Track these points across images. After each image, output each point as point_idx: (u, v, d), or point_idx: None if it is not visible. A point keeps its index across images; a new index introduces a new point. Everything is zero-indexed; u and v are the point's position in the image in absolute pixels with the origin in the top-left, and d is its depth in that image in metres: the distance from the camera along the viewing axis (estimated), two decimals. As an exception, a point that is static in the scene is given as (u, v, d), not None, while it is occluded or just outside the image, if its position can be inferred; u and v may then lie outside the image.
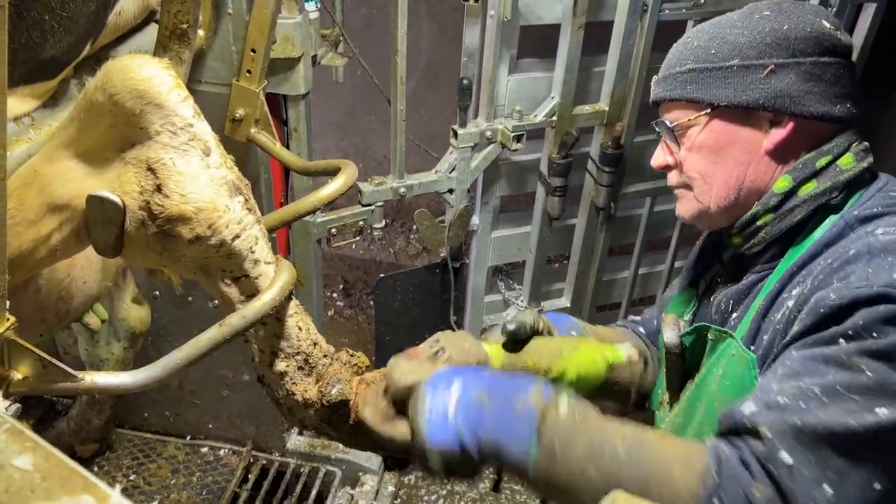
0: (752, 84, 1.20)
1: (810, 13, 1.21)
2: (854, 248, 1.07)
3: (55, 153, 0.96)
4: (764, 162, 1.23)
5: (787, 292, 1.15)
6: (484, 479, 3.06)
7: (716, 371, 1.26)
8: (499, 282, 2.88)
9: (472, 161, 2.42)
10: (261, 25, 1.69)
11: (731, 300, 1.31)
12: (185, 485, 2.59)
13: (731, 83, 1.21)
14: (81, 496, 0.45)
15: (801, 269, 1.16)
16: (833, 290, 1.02)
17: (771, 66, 1.18)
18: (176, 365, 0.98)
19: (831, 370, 0.97)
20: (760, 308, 1.20)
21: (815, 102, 1.19)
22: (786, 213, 1.21)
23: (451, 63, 2.91)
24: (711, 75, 1.23)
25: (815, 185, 1.19)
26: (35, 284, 1.28)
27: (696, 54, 1.25)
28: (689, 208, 1.34)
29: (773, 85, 1.19)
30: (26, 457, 0.49)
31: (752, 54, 1.20)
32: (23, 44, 1.03)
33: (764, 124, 1.22)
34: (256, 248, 1.04)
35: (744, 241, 1.28)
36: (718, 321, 1.33)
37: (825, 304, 1.02)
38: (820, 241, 1.16)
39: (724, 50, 1.22)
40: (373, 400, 1.16)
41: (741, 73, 1.21)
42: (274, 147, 1.78)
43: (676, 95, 1.27)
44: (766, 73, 1.19)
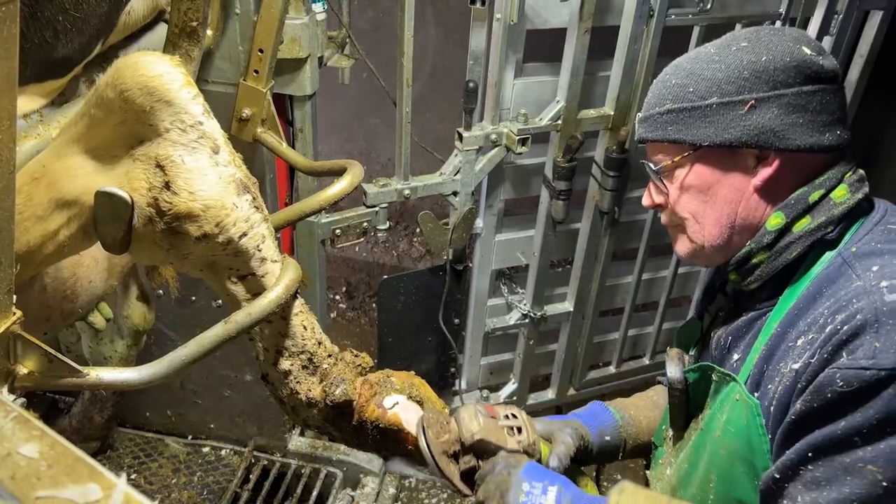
0: (733, 122, 1.16)
1: (789, 40, 1.17)
2: (861, 314, 1.01)
3: (64, 149, 0.97)
4: (754, 199, 1.20)
5: (792, 340, 1.12)
6: (485, 482, 3.06)
7: (720, 416, 1.23)
8: (502, 285, 2.88)
9: (476, 164, 2.42)
10: (268, 26, 1.69)
11: (731, 337, 1.29)
12: (186, 484, 2.59)
13: (712, 122, 1.18)
14: (87, 484, 0.46)
15: (803, 312, 1.13)
16: (840, 375, 0.99)
17: (751, 101, 1.15)
18: (181, 362, 0.98)
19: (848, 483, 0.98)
20: (763, 352, 1.17)
21: (802, 135, 1.15)
22: (781, 251, 1.18)
23: (456, 67, 2.91)
24: (691, 115, 1.19)
25: (809, 220, 1.16)
26: (40, 283, 1.28)
27: (675, 93, 1.21)
28: (684, 247, 1.31)
29: (755, 121, 1.15)
30: (32, 445, 0.49)
31: (731, 90, 1.16)
32: (36, 43, 1.03)
33: (750, 161, 1.19)
34: (263, 246, 1.04)
35: (740, 278, 1.25)
36: (718, 358, 1.31)
37: (832, 390, 0.99)
38: (818, 279, 1.14)
39: (702, 87, 1.19)
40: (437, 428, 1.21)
41: (721, 111, 1.17)
42: (280, 147, 1.79)
43: (658, 137, 1.24)
44: (746, 110, 1.16)
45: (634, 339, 3.20)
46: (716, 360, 1.30)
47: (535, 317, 2.82)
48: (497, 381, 3.09)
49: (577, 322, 2.94)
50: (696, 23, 2.40)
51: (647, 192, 1.34)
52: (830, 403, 1.00)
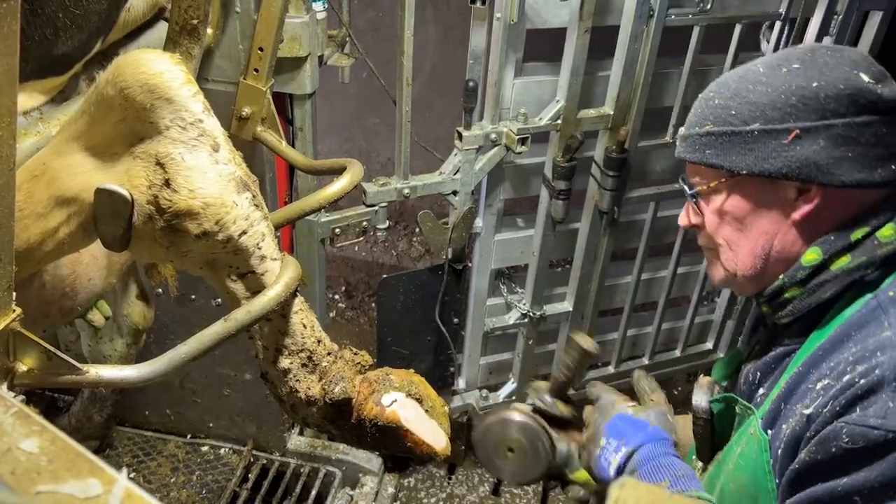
0: (775, 151, 1.09)
1: (846, 65, 1.08)
2: (880, 369, 0.97)
3: (64, 146, 0.97)
4: (791, 233, 1.14)
5: (812, 382, 1.07)
6: (484, 482, 3.06)
7: (735, 449, 1.20)
8: (501, 285, 2.88)
9: (476, 163, 2.42)
10: (269, 24, 1.69)
11: (759, 372, 1.25)
12: (185, 483, 2.59)
13: (752, 150, 1.11)
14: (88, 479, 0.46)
15: (828, 354, 1.08)
16: (847, 430, 0.95)
17: (796, 131, 1.07)
18: (181, 359, 0.98)
19: None
20: (783, 389, 1.13)
21: (849, 170, 1.06)
22: (814, 289, 1.12)
23: (456, 67, 2.91)
24: (731, 140, 1.13)
25: (849, 259, 1.09)
26: (40, 280, 1.28)
27: (716, 114, 1.15)
28: (717, 274, 1.27)
29: (798, 152, 1.07)
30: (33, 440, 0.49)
31: (775, 117, 1.08)
32: (36, 40, 1.03)
33: (790, 193, 1.12)
34: (263, 244, 1.04)
35: (772, 311, 1.20)
36: (746, 393, 1.27)
37: (837, 445, 0.96)
38: (849, 322, 1.08)
39: (745, 111, 1.11)
40: None
41: (762, 139, 1.10)
42: (280, 146, 1.79)
43: (696, 159, 1.19)
44: (790, 139, 1.07)
45: (633, 339, 3.20)
46: (744, 395, 1.26)
47: (535, 316, 2.82)
48: (496, 381, 3.09)
49: (577, 322, 2.95)
50: (696, 23, 2.40)
51: (683, 212, 1.29)
52: (834, 458, 0.97)
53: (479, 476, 3.10)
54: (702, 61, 2.55)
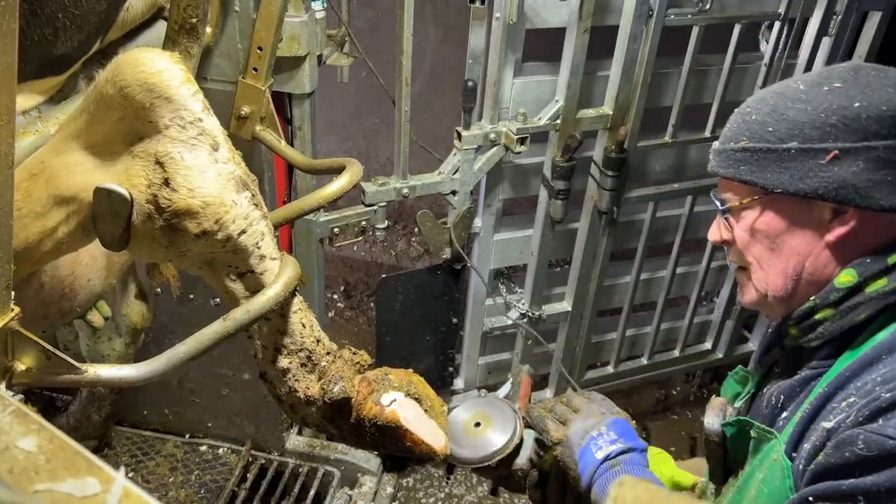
0: (812, 171, 1.06)
1: (891, 85, 1.05)
2: None
3: (63, 145, 0.97)
4: (825, 255, 1.11)
5: (837, 402, 1.05)
6: (483, 482, 3.06)
7: (757, 475, 1.17)
8: (500, 285, 2.88)
9: (475, 163, 2.42)
10: (268, 23, 1.69)
11: (783, 395, 1.21)
12: (184, 483, 2.59)
13: (788, 168, 1.08)
14: (86, 478, 0.46)
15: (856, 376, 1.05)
16: (864, 437, 0.94)
17: (834, 151, 1.04)
18: (179, 359, 0.98)
19: None
20: (807, 411, 1.09)
21: (888, 194, 1.04)
22: (847, 311, 1.09)
23: (455, 67, 2.91)
24: (766, 157, 1.10)
25: (885, 282, 1.06)
26: (38, 281, 1.28)
27: (753, 130, 1.13)
28: (748, 296, 1.24)
29: (836, 173, 1.05)
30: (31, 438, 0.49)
31: (814, 136, 1.06)
32: (35, 41, 1.03)
33: (825, 214, 1.09)
34: (262, 243, 1.04)
35: (801, 333, 1.16)
36: (768, 417, 1.22)
37: (851, 450, 0.95)
38: (880, 345, 1.05)
39: (783, 128, 1.09)
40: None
41: (799, 158, 1.07)
42: (279, 145, 1.78)
43: (729, 174, 1.16)
44: (828, 160, 1.05)
45: (633, 340, 3.20)
46: (766, 419, 1.21)
47: (534, 316, 2.82)
48: (495, 381, 3.08)
49: (576, 322, 2.95)
50: (695, 23, 2.40)
51: (714, 226, 1.27)
52: (847, 463, 0.96)
53: (477, 476, 3.10)
54: (701, 61, 2.55)
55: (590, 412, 1.38)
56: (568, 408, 1.41)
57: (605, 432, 1.32)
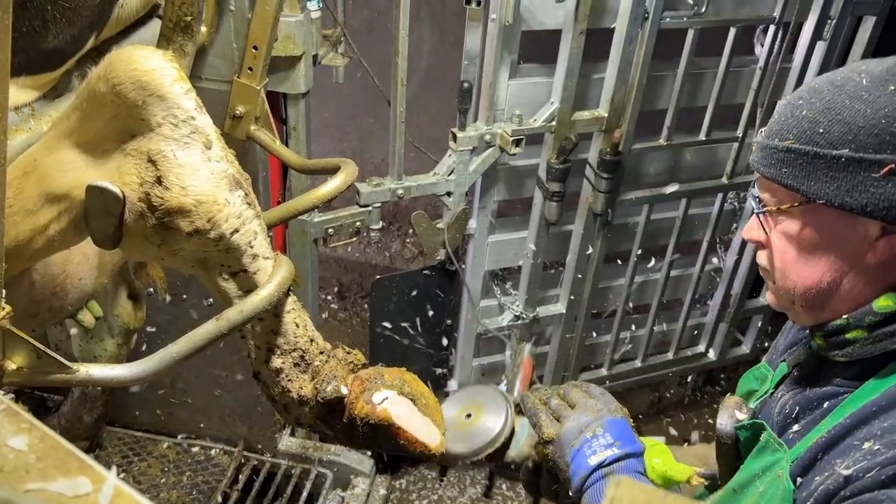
0: (863, 185, 0.95)
1: None
2: None
3: (55, 143, 0.96)
4: (865, 274, 1.02)
5: (859, 440, 0.97)
6: (476, 484, 3.06)
7: (758, 485, 1.10)
8: (494, 286, 2.88)
9: (470, 164, 2.42)
10: (263, 23, 1.69)
11: (798, 406, 1.13)
12: (175, 484, 2.58)
13: (836, 178, 0.97)
14: (77, 477, 0.45)
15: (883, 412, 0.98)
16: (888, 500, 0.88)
17: (891, 165, 0.93)
18: (172, 359, 0.98)
19: None
20: (824, 438, 1.02)
21: None
22: (882, 337, 1.01)
23: (450, 68, 2.91)
24: (813, 163, 0.99)
25: None
26: (29, 279, 1.27)
27: (801, 128, 1.01)
28: (775, 300, 1.17)
29: (889, 190, 0.94)
30: (21, 437, 0.48)
31: (870, 144, 0.94)
32: (24, 33, 1.02)
33: (872, 231, 0.99)
34: (255, 242, 1.04)
35: (828, 347, 1.08)
36: (779, 424, 1.15)
37: None
38: None
39: (836, 132, 0.97)
40: None
41: (850, 168, 0.96)
42: (273, 145, 1.78)
43: (771, 175, 1.05)
44: (882, 174, 0.94)
45: (626, 342, 3.20)
46: (776, 426, 1.15)
47: (528, 318, 2.81)
48: (488, 383, 3.08)
49: (570, 324, 2.95)
50: (690, 25, 2.41)
51: (750, 224, 1.16)
52: None
53: (470, 478, 3.09)
54: (696, 64, 2.55)
55: (586, 409, 1.28)
56: (564, 402, 1.32)
57: (600, 434, 1.23)
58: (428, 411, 1.25)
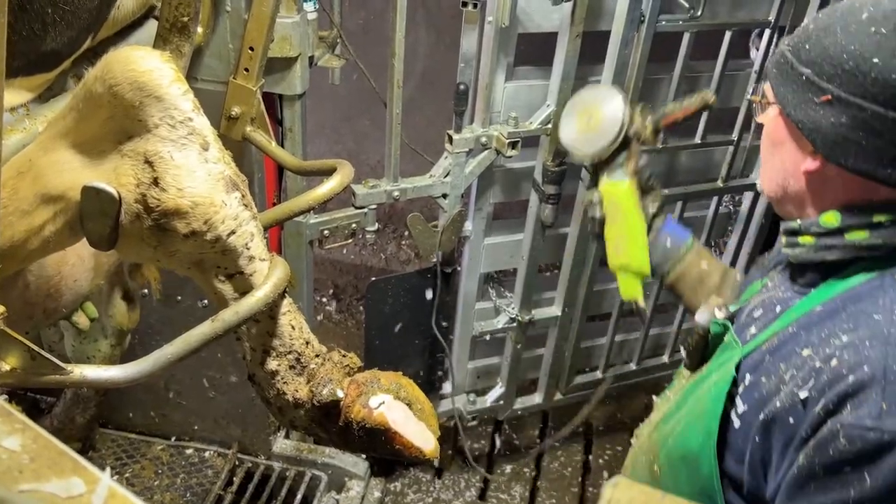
0: (807, 104, 1.08)
1: None
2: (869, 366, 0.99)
3: (51, 143, 0.96)
4: (802, 180, 1.16)
5: (801, 346, 1.10)
6: (470, 487, 3.06)
7: (714, 376, 1.26)
8: (490, 289, 2.88)
9: (466, 166, 2.42)
10: (260, 24, 1.69)
11: (760, 310, 1.27)
12: (169, 486, 2.57)
13: (796, 92, 1.11)
14: (70, 478, 0.45)
15: (822, 321, 1.10)
16: (844, 433, 0.98)
17: (829, 96, 1.05)
18: (167, 360, 0.97)
19: None
20: (774, 342, 1.16)
21: (855, 156, 1.05)
22: (822, 248, 1.14)
23: (447, 70, 2.91)
24: (789, 74, 1.12)
25: (865, 235, 1.09)
26: (24, 280, 1.26)
27: (797, 40, 1.13)
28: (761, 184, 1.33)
29: (821, 116, 1.06)
30: (15, 438, 0.48)
31: (826, 73, 1.05)
32: (24, 36, 1.02)
33: (808, 146, 1.12)
34: (252, 244, 1.04)
35: (787, 245, 1.22)
36: (742, 327, 1.30)
37: (835, 448, 0.99)
38: (850, 293, 1.10)
39: (813, 52, 1.08)
40: None
41: (805, 88, 1.09)
42: (269, 146, 1.78)
43: (768, 73, 1.21)
44: (821, 101, 1.06)
45: (621, 345, 3.21)
46: (740, 328, 1.30)
47: (523, 321, 2.82)
48: (484, 385, 3.08)
49: (565, 327, 2.95)
50: (686, 29, 2.41)
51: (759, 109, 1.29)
52: (834, 463, 0.99)
53: (465, 481, 3.09)
54: (692, 68, 2.56)
55: None
56: None
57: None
58: (423, 416, 1.24)
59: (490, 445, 3.29)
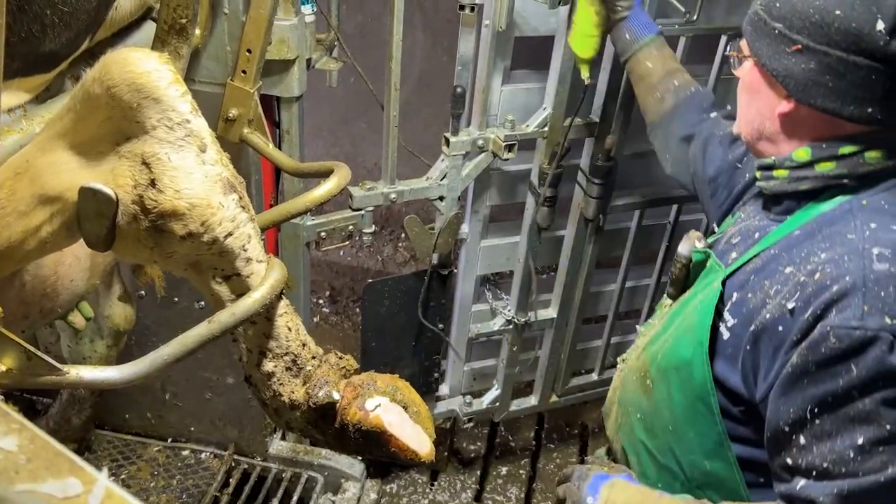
0: (779, 55, 1.25)
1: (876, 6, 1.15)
2: (850, 276, 1.14)
3: (49, 144, 0.96)
4: (777, 123, 1.31)
5: (782, 265, 1.25)
6: (466, 488, 3.06)
7: (699, 296, 1.41)
8: (486, 291, 2.88)
9: (463, 169, 2.42)
10: (257, 26, 1.69)
11: (740, 237, 1.42)
12: (165, 488, 2.56)
13: (770, 45, 1.27)
14: (67, 478, 0.45)
15: (800, 242, 1.25)
16: (834, 332, 1.12)
17: (799, 45, 1.21)
18: (163, 361, 0.97)
19: (858, 430, 1.12)
20: (756, 262, 1.31)
21: (823, 97, 1.21)
22: (795, 179, 1.30)
23: (443, 73, 2.92)
24: (762, 29, 1.28)
25: (833, 166, 1.25)
26: (20, 280, 1.26)
27: (766, 3, 1.29)
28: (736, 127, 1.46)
29: (793, 64, 1.23)
30: (11, 438, 0.48)
31: (795, 26, 1.22)
32: (22, 37, 1.02)
33: (781, 92, 1.28)
34: (249, 246, 1.04)
35: (762, 180, 1.37)
36: (725, 251, 1.44)
37: (826, 346, 1.12)
38: (823, 216, 1.26)
39: (783, 10, 1.25)
40: None
41: (778, 40, 1.25)
42: (267, 148, 1.78)
43: (743, 30, 1.37)
44: (792, 50, 1.22)
45: (617, 347, 3.20)
46: (720, 254, 1.44)
47: (519, 323, 2.82)
48: (480, 387, 3.08)
49: (561, 329, 2.95)
50: (682, 33, 2.42)
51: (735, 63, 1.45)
52: (826, 359, 1.12)
53: (461, 482, 3.09)
54: (688, 71, 2.56)
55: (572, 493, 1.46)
56: None
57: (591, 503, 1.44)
58: (419, 419, 1.25)
59: (486, 447, 3.29)
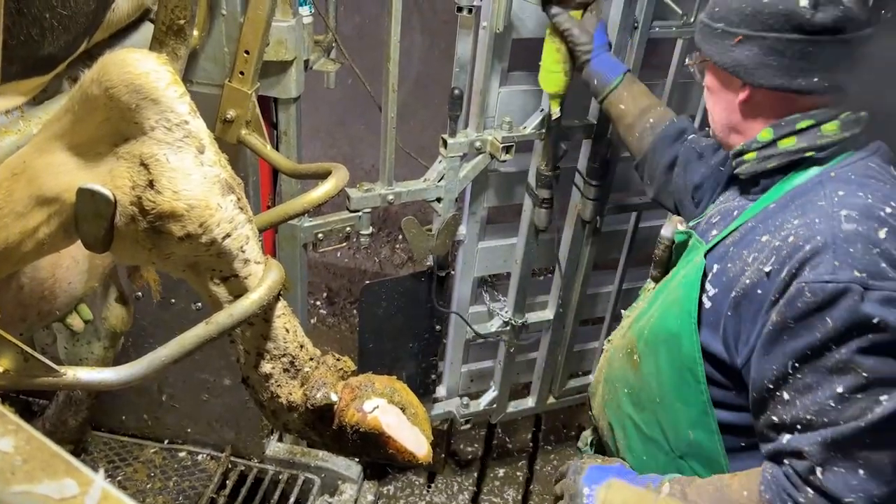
0: (726, 49, 1.39)
1: None
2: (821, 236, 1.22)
3: (46, 145, 0.96)
4: (739, 113, 1.44)
5: (759, 234, 1.35)
6: (463, 490, 3.06)
7: (681, 271, 1.51)
8: (483, 293, 2.88)
9: (460, 171, 2.43)
10: (255, 27, 1.69)
11: (720, 216, 1.53)
12: (162, 490, 2.56)
13: (717, 44, 1.41)
14: (63, 480, 0.45)
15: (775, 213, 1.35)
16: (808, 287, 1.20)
17: (740, 36, 1.35)
18: (161, 362, 0.97)
19: (836, 380, 1.18)
20: (735, 236, 1.41)
21: (770, 76, 1.34)
22: (763, 158, 1.40)
23: (441, 75, 2.92)
24: (709, 33, 1.43)
25: (794, 141, 1.36)
26: (18, 282, 1.26)
27: (711, 8, 1.44)
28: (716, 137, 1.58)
29: (738, 54, 1.36)
30: (7, 439, 0.48)
31: (734, 21, 1.36)
32: (21, 41, 1.02)
33: (736, 83, 1.42)
34: (247, 247, 1.04)
35: (735, 165, 1.48)
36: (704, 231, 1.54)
37: (802, 300, 1.20)
38: (796, 189, 1.36)
39: (721, 12, 1.40)
40: None
41: (722, 38, 1.39)
42: (264, 149, 1.78)
43: (696, 41, 1.51)
44: (734, 42, 1.36)
45: (614, 349, 3.21)
46: (702, 233, 1.54)
47: (516, 324, 2.82)
48: (477, 389, 3.08)
49: (558, 330, 2.95)
50: (679, 35, 2.43)
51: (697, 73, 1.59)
52: (802, 313, 1.20)
53: (458, 484, 3.09)
54: (685, 73, 2.57)
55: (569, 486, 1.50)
56: None
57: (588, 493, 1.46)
58: (416, 421, 1.24)
59: (483, 449, 3.29)
